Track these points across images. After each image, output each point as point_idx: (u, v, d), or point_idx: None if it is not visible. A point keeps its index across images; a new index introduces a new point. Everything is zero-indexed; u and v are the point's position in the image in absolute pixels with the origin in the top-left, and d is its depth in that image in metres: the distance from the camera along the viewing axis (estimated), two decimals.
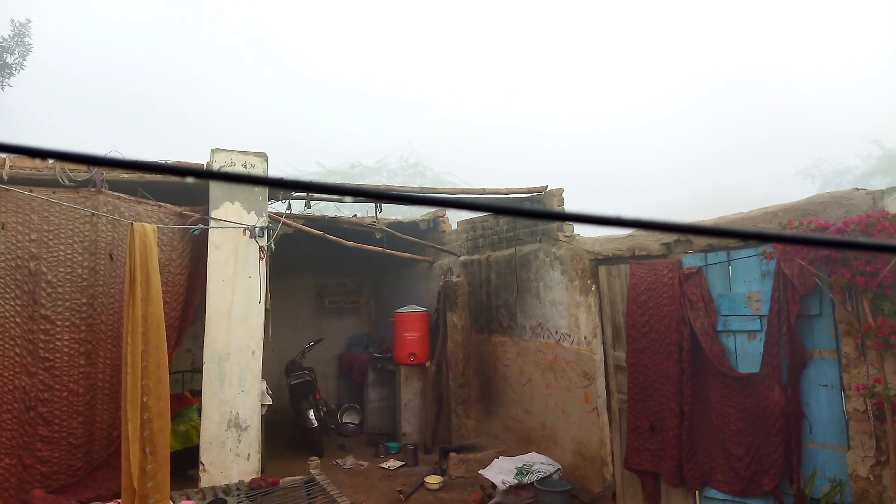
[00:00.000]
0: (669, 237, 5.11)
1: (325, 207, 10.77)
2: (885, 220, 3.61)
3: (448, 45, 66.60)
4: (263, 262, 5.80)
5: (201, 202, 5.79)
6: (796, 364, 4.17)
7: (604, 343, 5.76)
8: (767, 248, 4.28)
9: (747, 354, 4.53)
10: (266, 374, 5.95)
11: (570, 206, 6.54)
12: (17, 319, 5.07)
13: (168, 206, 5.70)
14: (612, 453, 5.61)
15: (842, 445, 4.00)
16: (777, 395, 4.21)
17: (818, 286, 4.00)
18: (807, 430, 4.20)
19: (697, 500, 4.82)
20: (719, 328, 4.67)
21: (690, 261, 4.89)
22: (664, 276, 4.97)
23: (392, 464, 7.26)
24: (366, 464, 7.35)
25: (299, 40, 65.70)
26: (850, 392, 3.88)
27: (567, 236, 6.33)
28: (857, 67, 39.99)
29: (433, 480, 6.41)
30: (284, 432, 8.69)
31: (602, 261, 5.81)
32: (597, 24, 61.24)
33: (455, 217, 9.24)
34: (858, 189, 4.03)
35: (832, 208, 4.01)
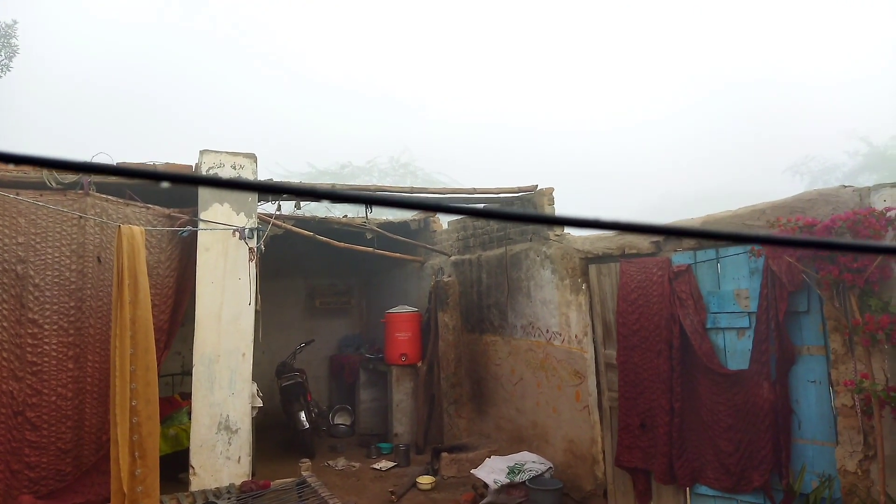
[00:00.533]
0: (659, 235, 5.13)
1: (315, 208, 10.76)
2: (871, 217, 3.64)
3: (444, 45, 66.55)
4: (253, 264, 5.77)
5: (190, 203, 5.76)
6: (785, 360, 4.20)
7: (594, 341, 5.77)
8: (755, 245, 4.30)
9: (736, 351, 4.55)
10: (257, 376, 5.93)
11: (563, 205, 6.55)
12: (5, 324, 5.03)
13: (156, 207, 5.67)
14: (604, 451, 5.63)
15: (830, 441, 4.03)
16: (766, 391, 4.24)
17: (806, 283, 4.02)
18: (795, 426, 4.22)
19: (688, 496, 4.84)
20: (708, 325, 4.69)
21: (680, 259, 4.91)
22: (654, 275, 4.99)
23: (384, 464, 7.25)
24: (357, 465, 7.33)
25: (292, 41, 65.62)
26: (838, 388, 3.91)
27: (557, 235, 6.34)
28: (856, 67, 40.19)
29: (425, 481, 6.40)
30: (275, 434, 8.66)
31: (592, 259, 5.82)
32: (597, 25, 61.39)
33: (446, 217, 9.24)
34: (845, 186, 4.06)
35: (819, 205, 4.03)
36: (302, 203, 7.18)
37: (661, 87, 52.70)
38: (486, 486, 5.76)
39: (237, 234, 5.69)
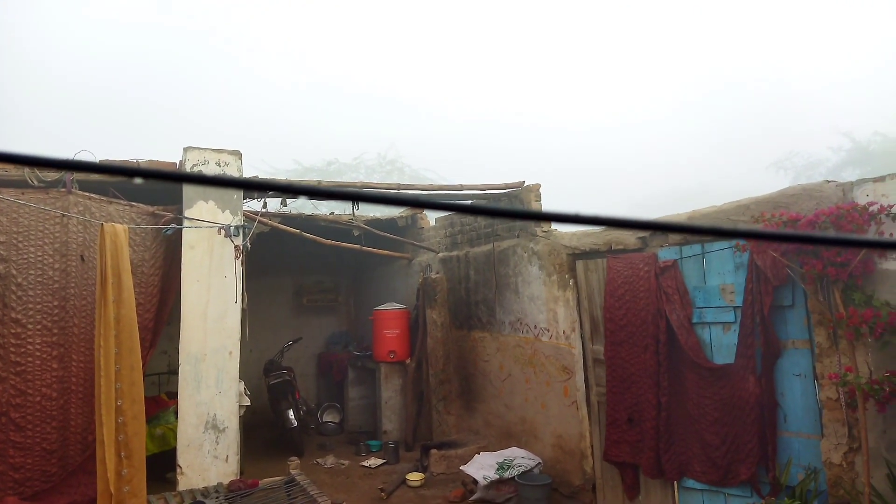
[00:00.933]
0: (645, 231, 5.15)
1: (301, 205, 10.67)
2: (854, 212, 3.67)
3: (439, 44, 66.09)
4: (239, 262, 5.73)
5: (174, 201, 5.71)
6: (770, 354, 4.23)
7: (582, 337, 5.79)
8: (740, 240, 4.33)
9: (722, 346, 4.58)
10: (244, 375, 5.89)
11: (552, 202, 6.55)
12: None
13: (140, 205, 5.61)
14: (592, 446, 5.65)
15: (815, 434, 4.07)
16: (752, 385, 4.27)
17: (790, 277, 4.05)
18: (781, 420, 4.26)
19: (676, 490, 4.87)
20: (695, 320, 4.72)
21: (666, 254, 4.93)
22: (640, 270, 5.01)
23: (373, 462, 7.24)
24: (347, 462, 7.32)
25: (279, 39, 65.19)
26: (822, 381, 3.95)
27: (545, 231, 6.35)
28: (856, 67, 40.41)
29: (414, 477, 6.41)
30: (264, 433, 8.63)
31: (579, 255, 5.84)
32: (597, 24, 61.19)
33: (434, 213, 9.22)
34: (829, 181, 4.09)
35: (803, 200, 4.07)
36: (288, 200, 7.14)
37: (661, 87, 52.74)
38: (475, 482, 5.77)
39: (222, 231, 5.65)
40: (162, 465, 6.00)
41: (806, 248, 3.86)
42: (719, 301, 4.58)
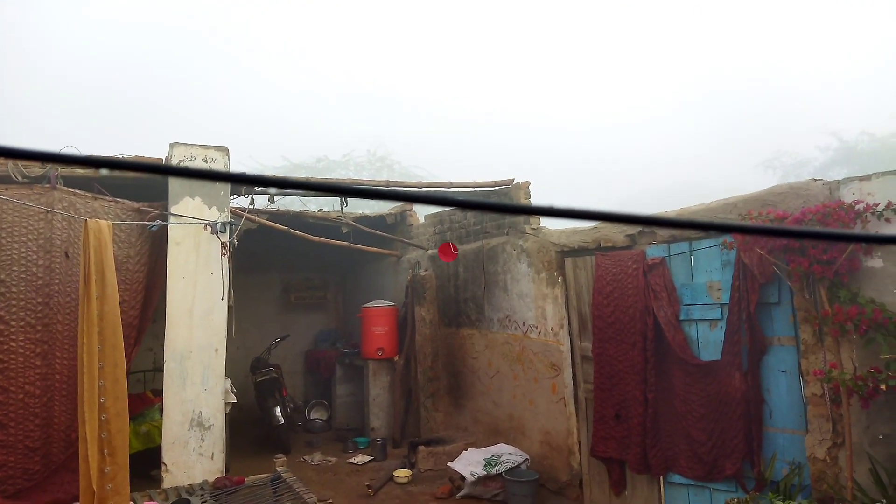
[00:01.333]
0: (633, 229, 5.16)
1: (290, 202, 10.66)
2: (840, 210, 3.70)
3: (436, 43, 65.69)
4: (226, 259, 5.69)
5: (160, 198, 5.66)
6: (756, 351, 4.26)
7: (570, 334, 5.80)
8: (728, 238, 4.35)
9: (709, 342, 4.60)
10: (231, 372, 5.86)
11: (543, 199, 6.55)
12: None
13: (125, 201, 5.55)
14: (579, 442, 5.67)
15: (800, 429, 4.10)
16: (738, 381, 4.29)
17: (777, 275, 4.08)
18: (767, 415, 4.29)
19: (662, 485, 4.89)
20: (682, 317, 4.74)
21: (654, 251, 4.95)
22: (629, 267, 5.02)
23: (361, 459, 7.22)
24: (334, 460, 7.30)
25: (279, 37, 64.81)
26: (808, 377, 3.97)
27: (534, 229, 6.35)
28: (855, 66, 40.56)
29: (402, 474, 6.40)
30: (250, 430, 8.58)
31: (568, 252, 5.84)
32: (596, 25, 61.05)
33: (423, 210, 9.21)
34: (816, 180, 4.11)
35: (790, 199, 4.09)
36: (276, 197, 7.10)
37: (661, 87, 52.72)
38: (462, 478, 5.77)
39: (209, 228, 5.60)
40: (147, 463, 5.95)
41: (792, 245, 3.88)
42: (706, 298, 4.60)
